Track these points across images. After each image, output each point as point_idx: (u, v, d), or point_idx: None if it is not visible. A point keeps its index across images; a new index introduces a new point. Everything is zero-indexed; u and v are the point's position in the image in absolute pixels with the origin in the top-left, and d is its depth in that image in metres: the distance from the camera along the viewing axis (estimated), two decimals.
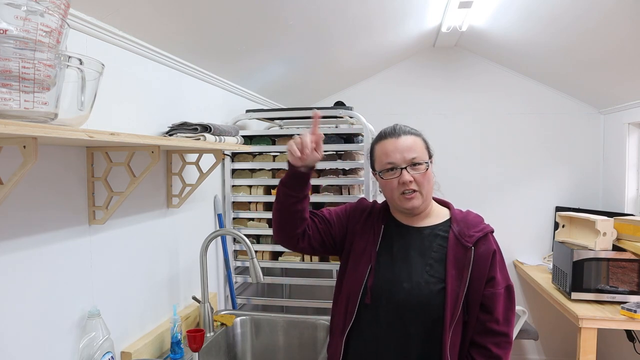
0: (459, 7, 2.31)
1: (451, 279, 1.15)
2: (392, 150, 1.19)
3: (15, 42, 0.71)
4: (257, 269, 1.66)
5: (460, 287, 1.15)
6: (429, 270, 1.17)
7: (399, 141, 1.19)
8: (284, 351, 1.89)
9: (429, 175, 1.20)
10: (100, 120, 1.28)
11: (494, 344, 1.16)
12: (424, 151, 1.21)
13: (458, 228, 1.21)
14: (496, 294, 1.16)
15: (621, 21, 1.94)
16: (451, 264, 1.16)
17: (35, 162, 0.81)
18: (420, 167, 1.18)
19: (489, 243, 1.20)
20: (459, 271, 1.16)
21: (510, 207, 3.28)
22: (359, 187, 2.23)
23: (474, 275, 1.16)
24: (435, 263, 1.18)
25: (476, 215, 1.26)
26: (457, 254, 1.17)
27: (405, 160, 1.18)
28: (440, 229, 1.23)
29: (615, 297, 2.25)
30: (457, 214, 1.26)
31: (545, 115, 3.22)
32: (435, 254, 1.19)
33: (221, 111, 2.19)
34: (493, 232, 1.23)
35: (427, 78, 3.34)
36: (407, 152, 1.18)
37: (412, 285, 1.16)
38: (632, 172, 2.85)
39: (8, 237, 1.01)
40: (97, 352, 1.19)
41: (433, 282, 1.16)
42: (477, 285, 1.16)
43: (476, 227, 1.21)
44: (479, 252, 1.17)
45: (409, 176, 1.17)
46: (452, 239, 1.19)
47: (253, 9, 1.61)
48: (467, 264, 1.16)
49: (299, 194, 1.21)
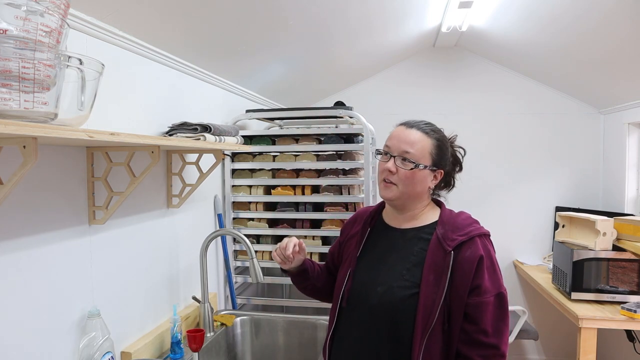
0: (459, 7, 2.31)
1: (426, 284, 1.09)
2: (395, 137, 1.18)
3: (15, 42, 0.71)
4: (257, 269, 1.66)
5: (437, 294, 1.08)
6: (405, 274, 1.13)
7: (406, 132, 1.17)
8: (284, 351, 1.89)
9: (416, 177, 1.15)
10: (100, 120, 1.28)
11: (481, 357, 1.07)
12: (426, 155, 1.16)
13: (442, 231, 1.15)
14: (483, 303, 1.08)
15: (621, 21, 1.94)
16: (429, 268, 1.10)
17: (35, 162, 0.81)
18: (407, 165, 1.14)
19: (476, 247, 1.11)
20: (437, 276, 1.10)
21: (510, 207, 3.28)
22: (359, 187, 2.23)
23: (455, 281, 1.09)
24: (413, 267, 1.13)
25: (467, 217, 1.19)
26: (435, 258, 1.11)
27: (399, 150, 1.15)
28: (425, 232, 1.18)
29: (615, 297, 2.25)
30: (446, 215, 1.19)
31: (545, 115, 3.22)
32: (414, 257, 1.14)
33: (221, 111, 2.19)
34: (487, 235, 1.16)
35: (427, 78, 3.34)
36: (405, 144, 1.15)
37: (384, 289, 1.13)
38: (632, 172, 2.85)
39: (8, 237, 1.01)
40: (97, 352, 1.19)
41: (407, 286, 1.11)
42: (459, 292, 1.08)
43: (462, 230, 1.14)
44: (462, 257, 1.10)
45: (392, 165, 1.15)
46: (433, 242, 1.14)
47: (253, 9, 1.61)
48: (445, 269, 1.09)
49: (306, 282, 1.34)
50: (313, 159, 2.21)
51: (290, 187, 2.23)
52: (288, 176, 2.23)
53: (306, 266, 1.32)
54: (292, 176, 2.23)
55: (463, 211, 1.23)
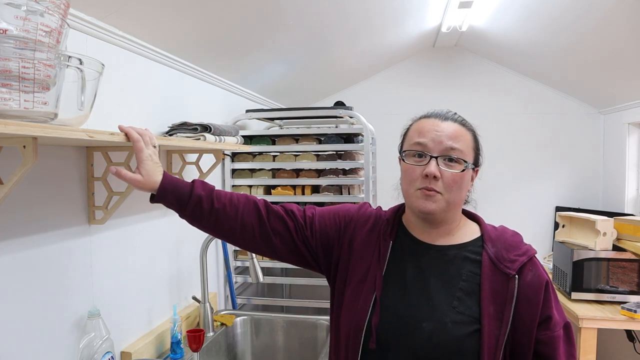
0: (459, 7, 2.31)
1: (488, 318, 0.86)
2: (430, 131, 0.92)
3: (15, 42, 0.71)
4: (257, 269, 1.66)
5: (500, 330, 0.87)
6: (457, 305, 0.89)
7: (442, 124, 0.93)
8: (284, 351, 1.89)
9: (464, 180, 0.92)
10: (100, 120, 1.28)
11: None
12: (470, 150, 0.94)
13: (494, 249, 0.92)
14: (554, 338, 0.89)
15: (621, 21, 1.94)
16: (487, 297, 0.88)
17: (35, 162, 0.81)
18: (456, 166, 0.90)
19: (538, 270, 0.91)
20: (499, 308, 0.87)
21: (510, 207, 3.28)
22: (359, 187, 2.23)
23: (520, 313, 0.88)
24: (465, 296, 0.89)
25: (514, 233, 0.98)
26: (494, 284, 0.89)
27: (441, 147, 0.90)
28: (469, 250, 0.94)
29: (615, 297, 2.25)
30: (491, 230, 0.97)
31: (545, 115, 3.22)
32: (464, 283, 0.90)
33: (221, 111, 2.19)
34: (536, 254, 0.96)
35: (427, 78, 3.34)
36: (446, 138, 0.90)
37: (434, 325, 0.87)
38: (632, 172, 2.85)
39: (8, 237, 1.01)
40: (97, 352, 1.19)
41: (464, 322, 0.87)
42: (525, 326, 0.88)
43: (518, 248, 0.93)
44: (525, 282, 0.89)
45: (436, 169, 0.89)
46: (486, 263, 0.90)
47: (253, 9, 1.61)
48: (509, 299, 0.87)
49: (186, 209, 0.98)
50: (313, 159, 2.21)
51: (290, 187, 2.23)
52: (288, 176, 2.23)
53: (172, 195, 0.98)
54: (292, 176, 2.23)
55: (503, 225, 1.02)
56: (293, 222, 1.02)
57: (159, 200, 0.99)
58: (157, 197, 0.99)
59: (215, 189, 1.03)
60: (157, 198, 0.99)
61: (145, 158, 0.98)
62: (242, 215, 1.00)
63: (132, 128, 1.00)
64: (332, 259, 1.02)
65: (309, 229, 1.02)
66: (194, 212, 0.99)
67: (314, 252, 1.03)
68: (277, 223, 1.01)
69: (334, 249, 1.01)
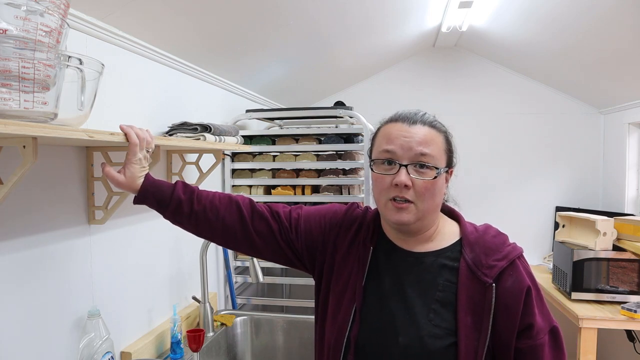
0: (459, 7, 2.31)
1: (465, 330, 0.83)
2: (397, 136, 0.87)
3: (15, 42, 0.71)
4: (257, 269, 1.66)
5: (479, 341, 0.83)
6: (433, 318, 0.85)
7: (411, 129, 0.87)
8: (284, 351, 1.89)
9: (437, 187, 0.87)
10: (100, 120, 1.28)
11: None
12: (442, 154, 0.89)
13: (472, 255, 0.87)
14: (537, 347, 0.84)
15: (621, 21, 1.94)
16: (464, 308, 0.84)
17: (35, 162, 0.81)
18: (427, 172, 0.86)
19: (519, 274, 0.86)
20: (477, 318, 0.83)
21: (510, 207, 3.28)
22: (359, 187, 2.23)
23: (499, 323, 0.83)
24: (441, 308, 0.85)
25: (497, 233, 0.92)
26: (472, 293, 0.84)
27: (410, 154, 0.85)
28: (447, 256, 0.90)
29: (615, 297, 2.25)
30: (471, 233, 0.91)
31: (545, 115, 3.22)
32: (441, 293, 0.86)
33: (221, 111, 2.19)
34: (522, 255, 0.90)
35: (427, 78, 3.34)
36: (416, 144, 0.85)
37: (410, 339, 0.84)
38: (632, 172, 2.85)
39: (8, 237, 1.01)
40: (97, 352, 1.19)
41: (439, 335, 0.84)
42: (505, 336, 0.83)
43: (498, 252, 0.87)
44: (504, 289, 0.84)
45: (407, 178, 0.84)
46: (464, 271, 0.86)
47: (253, 9, 1.61)
48: (487, 308, 0.83)
49: (166, 211, 1.00)
50: (313, 158, 2.21)
51: (290, 187, 2.23)
52: (288, 176, 2.23)
53: (153, 194, 0.99)
54: (292, 176, 2.23)
55: (487, 224, 0.95)
56: (277, 224, 1.00)
57: (140, 202, 1.01)
58: (138, 199, 1.00)
59: (198, 190, 1.02)
60: (138, 199, 1.00)
61: (133, 161, 0.99)
62: (222, 217, 0.99)
63: (133, 129, 1.01)
64: (316, 262, 1.00)
65: (294, 231, 1.00)
66: (175, 214, 1.00)
67: (299, 254, 1.01)
68: (261, 225, 1.00)
69: (318, 252, 0.99)
